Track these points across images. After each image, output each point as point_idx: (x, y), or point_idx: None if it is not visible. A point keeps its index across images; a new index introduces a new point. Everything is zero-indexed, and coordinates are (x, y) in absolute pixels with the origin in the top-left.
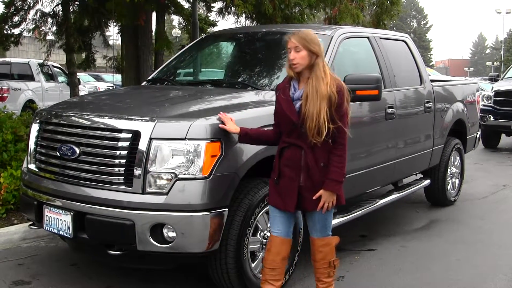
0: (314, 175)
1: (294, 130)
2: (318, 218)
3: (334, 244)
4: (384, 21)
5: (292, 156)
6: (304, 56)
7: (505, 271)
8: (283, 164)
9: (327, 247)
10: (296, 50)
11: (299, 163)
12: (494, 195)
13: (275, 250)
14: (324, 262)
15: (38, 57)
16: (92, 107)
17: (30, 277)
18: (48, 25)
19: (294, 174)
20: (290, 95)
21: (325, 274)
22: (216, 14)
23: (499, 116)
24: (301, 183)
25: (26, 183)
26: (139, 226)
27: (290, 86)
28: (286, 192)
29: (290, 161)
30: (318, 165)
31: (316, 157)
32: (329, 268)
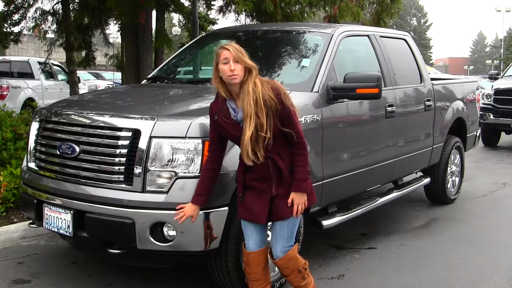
0: (285, 180)
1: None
2: (288, 224)
3: (296, 253)
4: (384, 19)
5: (260, 168)
6: (241, 68)
7: (505, 270)
8: (250, 178)
9: (291, 261)
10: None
11: (268, 174)
12: (494, 193)
13: (253, 264)
14: (294, 274)
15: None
16: (92, 106)
17: (30, 276)
18: (48, 23)
19: (264, 185)
20: (233, 118)
21: (300, 280)
22: (216, 12)
23: (499, 114)
24: (273, 193)
25: (26, 182)
26: (139, 225)
27: (228, 108)
28: (256, 204)
29: (260, 174)
30: (287, 169)
31: (284, 161)
32: (301, 274)
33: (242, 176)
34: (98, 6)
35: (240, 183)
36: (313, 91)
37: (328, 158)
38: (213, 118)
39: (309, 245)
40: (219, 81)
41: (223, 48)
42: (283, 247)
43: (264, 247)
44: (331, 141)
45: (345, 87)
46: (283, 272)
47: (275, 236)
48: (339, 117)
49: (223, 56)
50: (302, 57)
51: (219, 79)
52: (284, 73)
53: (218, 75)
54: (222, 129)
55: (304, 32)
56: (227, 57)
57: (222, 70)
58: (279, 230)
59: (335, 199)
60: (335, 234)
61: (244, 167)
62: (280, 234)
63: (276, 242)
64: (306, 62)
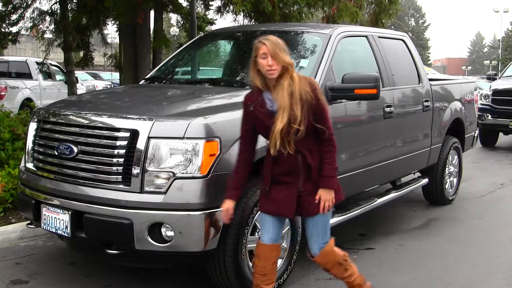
0: (313, 177)
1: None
2: (320, 220)
3: (333, 247)
4: (383, 20)
5: (289, 162)
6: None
7: (503, 270)
8: (278, 172)
9: (329, 256)
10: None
11: (297, 168)
12: (492, 194)
13: (264, 257)
14: (335, 267)
15: (36, 55)
16: (90, 106)
17: (28, 276)
18: (46, 23)
19: (293, 179)
20: (269, 108)
21: (342, 272)
22: (214, 12)
23: (497, 115)
24: (300, 188)
25: (24, 182)
26: (137, 225)
27: (264, 99)
28: (283, 199)
29: (288, 167)
30: (316, 166)
31: (314, 158)
32: (342, 266)
33: (270, 170)
34: (96, 6)
35: (268, 176)
36: None
37: None
38: (247, 109)
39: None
40: (256, 73)
41: (261, 43)
42: (319, 244)
43: (277, 244)
44: None
45: (343, 88)
46: (325, 267)
47: (310, 234)
48: (337, 118)
49: (262, 50)
50: (300, 58)
51: (257, 71)
52: None
53: (256, 67)
54: (256, 119)
55: (302, 33)
56: (265, 52)
57: (261, 64)
58: (312, 228)
59: None
60: (333, 235)
61: (272, 161)
62: (315, 232)
63: (312, 240)
64: (304, 63)
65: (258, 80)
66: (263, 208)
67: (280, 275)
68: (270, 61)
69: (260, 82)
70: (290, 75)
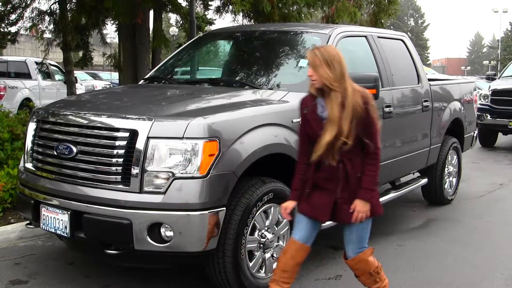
0: (351, 185)
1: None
2: (355, 229)
3: (368, 256)
4: (382, 20)
5: (330, 169)
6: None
7: (502, 271)
8: (319, 177)
9: (360, 264)
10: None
11: (337, 176)
12: (491, 194)
13: (290, 254)
14: (364, 275)
15: (35, 55)
16: (89, 106)
17: (27, 276)
18: (45, 23)
19: (332, 186)
20: (319, 114)
21: (371, 283)
22: (214, 12)
23: (496, 115)
24: (337, 195)
25: (23, 182)
26: (136, 225)
27: (317, 104)
28: (320, 204)
29: (329, 174)
30: (355, 176)
31: (355, 167)
32: (373, 277)
33: (313, 174)
34: (95, 6)
35: (310, 180)
36: None
37: None
38: (302, 112)
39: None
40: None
41: (309, 51)
42: (353, 249)
43: (307, 245)
44: None
45: None
46: (355, 272)
47: (346, 239)
48: None
49: (308, 59)
50: (299, 58)
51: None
52: (281, 74)
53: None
54: (307, 123)
55: (301, 33)
56: (309, 62)
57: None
58: (348, 234)
59: None
60: (332, 235)
61: (315, 166)
62: (350, 238)
63: (347, 244)
64: (304, 63)
65: (312, 87)
66: (301, 209)
67: None
68: (310, 71)
69: (313, 89)
70: (343, 87)
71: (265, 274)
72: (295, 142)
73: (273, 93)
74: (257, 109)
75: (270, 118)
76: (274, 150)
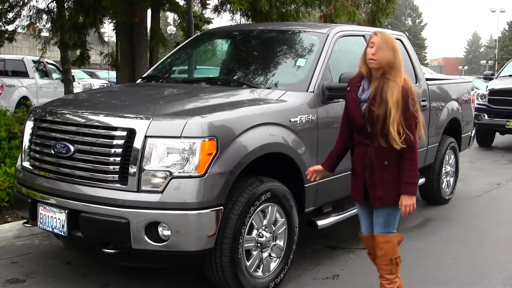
0: (375, 172)
1: (362, 129)
2: (381, 214)
3: (396, 241)
4: (380, 19)
5: (360, 153)
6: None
7: (499, 270)
8: (354, 159)
9: (388, 244)
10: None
11: (365, 160)
12: (488, 193)
13: (367, 245)
14: (385, 259)
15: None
16: (87, 105)
17: (24, 275)
18: (43, 21)
19: (361, 170)
20: (358, 95)
21: (387, 271)
22: (211, 11)
23: (493, 115)
24: (366, 179)
25: (20, 181)
26: (134, 225)
27: (360, 85)
28: (356, 186)
29: (358, 158)
30: (381, 163)
31: (380, 155)
32: (391, 265)
33: (351, 157)
34: (93, 5)
35: (352, 162)
36: (308, 91)
37: (323, 158)
38: (347, 91)
39: (304, 245)
40: (364, 61)
41: (374, 34)
42: (380, 231)
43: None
44: (326, 141)
45: (340, 87)
46: (377, 251)
47: (374, 221)
48: (334, 117)
49: (371, 39)
50: (297, 57)
51: (365, 59)
52: (279, 73)
53: (365, 55)
54: (347, 102)
55: (299, 32)
56: (374, 42)
57: (366, 52)
58: (375, 216)
59: (330, 199)
60: (330, 234)
61: (351, 148)
62: (377, 220)
63: (374, 226)
64: (302, 62)
65: (364, 67)
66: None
67: (277, 275)
68: (373, 50)
69: (365, 69)
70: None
71: (263, 273)
72: (292, 141)
73: (271, 92)
74: (255, 108)
75: (268, 118)
76: (271, 149)
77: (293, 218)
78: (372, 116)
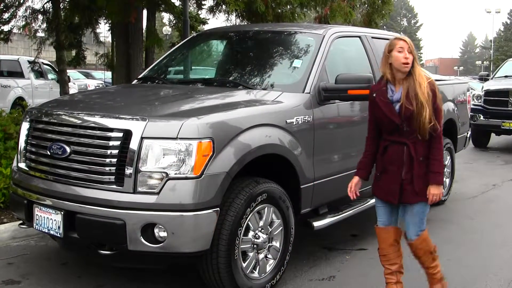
0: (414, 168)
1: (396, 129)
2: (417, 211)
3: (427, 236)
4: (375, 20)
5: (395, 151)
6: (411, 58)
7: (495, 271)
8: (386, 160)
9: (424, 243)
10: (409, 51)
11: (401, 158)
12: (484, 194)
13: (381, 239)
14: (426, 255)
15: (27, 54)
16: (83, 106)
17: (20, 277)
18: (38, 22)
19: (396, 168)
20: (389, 98)
21: (430, 262)
22: (207, 12)
23: (489, 116)
24: (402, 177)
25: (16, 182)
26: (130, 226)
27: (387, 89)
28: (389, 185)
29: (394, 157)
30: (418, 159)
31: (417, 151)
32: (431, 255)
33: (381, 157)
34: (88, 5)
35: (379, 164)
36: (304, 92)
37: (319, 159)
38: (371, 96)
39: (300, 246)
40: (388, 66)
41: (399, 39)
42: (415, 231)
43: (391, 227)
44: (322, 142)
45: (336, 88)
46: (417, 253)
47: (408, 221)
48: (331, 118)
49: (399, 45)
50: (293, 58)
51: (389, 65)
52: (275, 74)
53: (388, 61)
54: (376, 107)
55: (295, 33)
56: (403, 47)
57: (396, 57)
58: (409, 216)
59: (326, 200)
60: (326, 235)
61: (382, 150)
62: (411, 220)
63: (409, 227)
64: (298, 63)
65: (388, 72)
66: (374, 191)
67: (273, 276)
68: (407, 54)
69: (389, 74)
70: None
71: (259, 274)
72: (288, 142)
73: (267, 94)
74: (251, 109)
75: (264, 119)
76: (268, 150)
77: (289, 220)
78: (409, 114)
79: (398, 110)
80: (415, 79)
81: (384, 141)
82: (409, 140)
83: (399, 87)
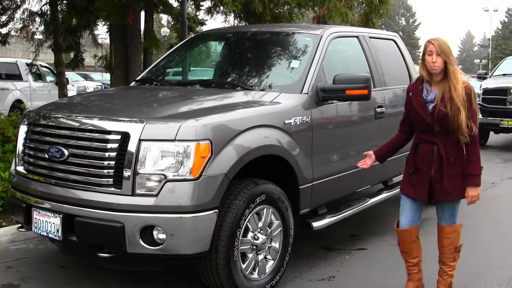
0: (444, 168)
1: (428, 128)
2: (447, 207)
3: (460, 230)
4: (373, 20)
5: (426, 150)
6: (441, 61)
7: (495, 270)
8: (418, 160)
9: (454, 234)
10: (437, 54)
11: (431, 157)
12: (483, 193)
13: (402, 239)
14: (451, 247)
15: (26, 57)
16: (80, 108)
17: (19, 280)
18: (36, 24)
19: (426, 167)
20: (423, 97)
21: (450, 258)
22: (205, 13)
23: (487, 114)
24: (432, 175)
25: (15, 185)
26: (129, 228)
27: (423, 88)
28: (419, 183)
29: (424, 155)
30: (449, 160)
31: (447, 151)
32: (455, 253)
33: (413, 158)
34: (86, 7)
35: (410, 162)
36: (302, 93)
37: (318, 159)
38: (408, 95)
39: (299, 247)
40: (424, 68)
41: (429, 42)
42: (446, 223)
43: (414, 226)
44: (321, 142)
45: (334, 89)
46: (444, 241)
47: (439, 215)
48: (329, 119)
49: (429, 48)
50: (291, 58)
51: (424, 66)
52: (273, 75)
53: (424, 63)
54: (411, 105)
55: (293, 33)
56: (432, 50)
57: (426, 60)
58: (440, 211)
59: (325, 200)
60: (325, 236)
61: (414, 148)
62: (443, 215)
63: (441, 220)
64: (296, 64)
65: (425, 72)
66: (403, 190)
67: (273, 277)
68: (434, 58)
69: (425, 73)
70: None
71: (258, 275)
72: (287, 143)
73: (265, 94)
74: (249, 110)
75: (262, 120)
76: (266, 151)
77: (288, 220)
78: (442, 115)
79: (431, 110)
80: (450, 82)
81: (416, 139)
82: (440, 140)
83: (434, 88)
